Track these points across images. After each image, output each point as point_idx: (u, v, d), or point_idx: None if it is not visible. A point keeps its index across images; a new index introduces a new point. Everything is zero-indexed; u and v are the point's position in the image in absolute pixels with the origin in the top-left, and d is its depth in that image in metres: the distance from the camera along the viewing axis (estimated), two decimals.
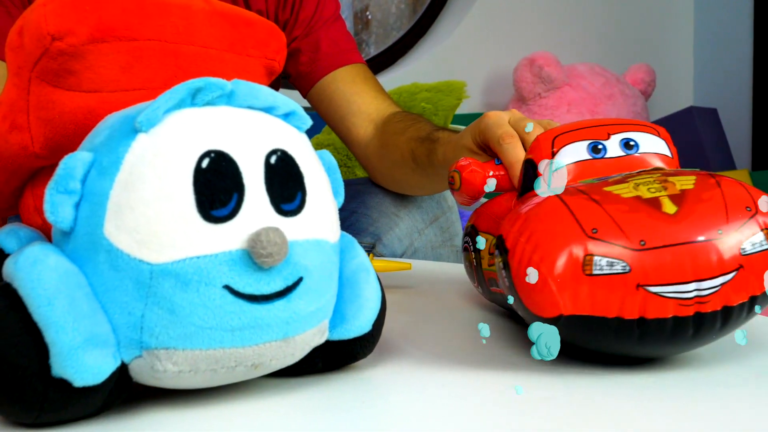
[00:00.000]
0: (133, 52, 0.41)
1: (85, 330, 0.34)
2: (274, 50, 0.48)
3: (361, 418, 0.38)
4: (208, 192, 0.34)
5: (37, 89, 0.41)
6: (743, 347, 0.47)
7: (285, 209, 0.36)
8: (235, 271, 0.34)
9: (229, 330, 0.35)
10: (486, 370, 0.44)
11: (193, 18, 0.44)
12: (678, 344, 0.41)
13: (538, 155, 0.49)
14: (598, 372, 0.43)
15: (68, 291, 0.34)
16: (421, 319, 0.57)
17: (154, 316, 0.34)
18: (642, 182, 0.43)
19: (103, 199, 0.34)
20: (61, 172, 0.35)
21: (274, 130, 0.38)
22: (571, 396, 0.40)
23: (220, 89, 0.37)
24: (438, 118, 1.52)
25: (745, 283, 0.40)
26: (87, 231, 0.35)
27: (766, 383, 0.41)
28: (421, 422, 0.37)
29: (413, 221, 0.91)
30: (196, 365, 0.36)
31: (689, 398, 0.39)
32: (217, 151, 0.35)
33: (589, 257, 0.39)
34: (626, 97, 2.17)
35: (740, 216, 0.40)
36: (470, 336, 0.51)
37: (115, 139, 0.36)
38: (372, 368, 0.45)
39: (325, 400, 0.40)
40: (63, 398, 0.34)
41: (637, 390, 0.40)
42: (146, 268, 0.34)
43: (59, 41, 0.39)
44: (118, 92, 0.42)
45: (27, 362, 0.33)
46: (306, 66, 0.91)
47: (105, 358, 0.34)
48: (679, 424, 0.36)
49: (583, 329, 0.40)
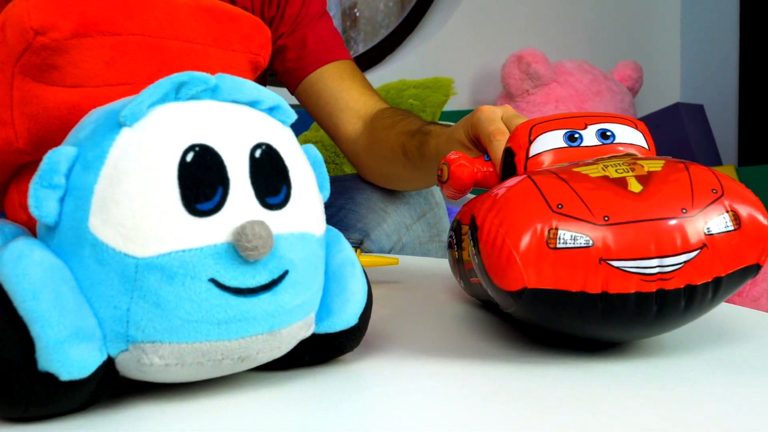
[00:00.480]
0: (116, 47, 0.41)
1: (70, 324, 0.34)
2: (259, 45, 0.48)
3: (348, 410, 0.38)
4: (192, 186, 0.34)
5: (21, 84, 0.41)
6: (715, 336, 0.48)
7: (270, 203, 0.36)
8: (221, 265, 0.35)
9: (215, 323, 0.35)
10: (469, 362, 0.44)
11: (177, 12, 0.44)
12: (642, 323, 0.41)
13: (516, 144, 0.50)
14: (576, 362, 0.43)
15: (53, 285, 0.34)
16: (408, 313, 0.58)
17: (140, 310, 0.34)
18: (611, 164, 0.43)
19: (88, 193, 0.35)
20: (45, 166, 0.35)
21: (259, 124, 0.38)
22: (550, 385, 0.40)
23: (205, 83, 0.37)
24: (426, 114, 1.53)
25: (709, 264, 0.40)
26: (72, 225, 0.35)
27: (735, 372, 0.42)
28: (407, 413, 0.37)
29: (401, 217, 0.91)
30: (182, 358, 0.36)
31: (663, 386, 0.40)
32: (201, 145, 0.35)
33: (553, 231, 0.40)
34: (614, 94, 2.19)
35: (706, 197, 0.41)
36: (455, 330, 0.52)
37: (99, 134, 0.36)
38: (358, 361, 0.45)
39: (312, 393, 0.40)
40: (50, 392, 0.34)
41: (613, 378, 0.41)
42: (131, 262, 0.34)
43: (42, 36, 0.39)
44: (102, 87, 0.42)
45: (13, 356, 0.33)
46: (293, 63, 0.92)
47: (91, 351, 0.34)
48: (655, 410, 0.36)
49: (547, 303, 0.41)
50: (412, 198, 0.93)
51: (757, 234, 0.41)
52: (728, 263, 0.41)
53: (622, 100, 2.21)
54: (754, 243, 0.41)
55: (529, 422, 0.35)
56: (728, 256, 0.41)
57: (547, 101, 2.09)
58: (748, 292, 1.49)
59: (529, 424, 0.35)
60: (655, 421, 0.35)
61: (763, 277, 1.50)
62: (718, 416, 0.35)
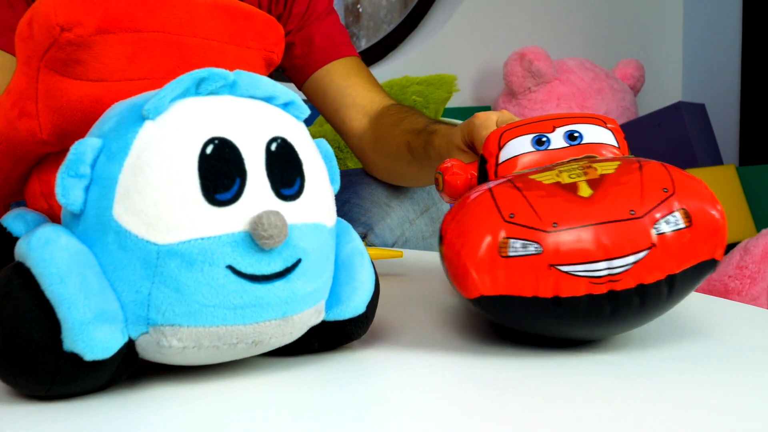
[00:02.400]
0: (138, 43, 0.43)
1: (95, 306, 0.35)
2: (273, 42, 0.49)
3: (355, 394, 0.40)
4: (212, 177, 0.36)
5: (46, 78, 0.43)
6: (709, 331, 0.49)
7: (285, 194, 0.38)
8: (238, 252, 0.36)
9: (231, 308, 0.37)
10: (466, 352, 0.46)
11: (195, 10, 0.45)
12: (599, 323, 0.42)
13: (487, 151, 0.52)
14: (570, 353, 0.45)
15: (79, 269, 0.36)
16: (411, 304, 0.59)
17: (161, 294, 0.36)
18: (566, 169, 0.44)
19: (112, 182, 0.36)
20: (71, 156, 0.37)
21: (275, 118, 0.40)
22: (546, 374, 0.42)
23: (224, 79, 0.38)
24: (429, 111, 1.53)
25: (660, 262, 0.41)
26: (96, 213, 0.37)
27: (726, 364, 0.43)
28: (410, 398, 0.39)
29: (405, 211, 0.92)
30: (199, 341, 0.37)
31: (652, 375, 0.41)
32: (220, 138, 0.37)
33: (504, 240, 0.41)
34: (615, 92, 2.19)
35: (655, 197, 0.42)
36: (454, 322, 0.53)
37: (123, 126, 0.37)
38: (364, 350, 0.47)
39: (322, 378, 0.42)
40: (74, 372, 0.36)
41: (607, 368, 0.42)
42: (153, 249, 0.36)
43: (68, 32, 0.41)
44: (123, 82, 0.43)
45: (40, 337, 0.35)
46: (300, 59, 0.93)
47: (114, 333, 0.36)
48: (647, 399, 0.38)
49: (504, 308, 0.42)
50: (416, 193, 0.94)
51: (709, 230, 0.42)
52: (681, 260, 0.41)
53: (624, 98, 2.21)
54: (707, 239, 0.42)
55: (525, 409, 0.37)
56: (680, 254, 0.41)
57: (549, 99, 2.10)
58: (747, 291, 1.49)
59: (524, 412, 0.36)
60: (646, 408, 0.36)
61: (762, 276, 1.51)
62: (710, 407, 0.37)
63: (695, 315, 0.53)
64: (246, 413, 0.37)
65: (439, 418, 0.36)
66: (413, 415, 0.37)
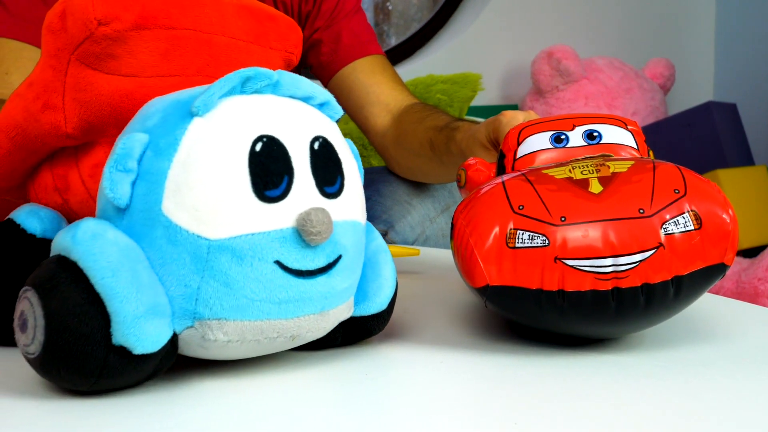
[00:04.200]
0: (171, 40, 0.43)
1: (147, 300, 0.36)
2: (293, 44, 0.50)
3: (370, 391, 0.40)
4: (262, 174, 0.37)
5: (76, 71, 0.43)
6: (720, 332, 0.49)
7: (328, 192, 0.39)
8: (285, 248, 0.37)
9: (276, 302, 0.38)
10: (478, 350, 0.46)
11: (224, 10, 0.46)
12: (603, 319, 0.42)
13: (506, 146, 0.52)
14: (582, 353, 0.45)
15: (130, 263, 0.36)
16: (426, 302, 0.59)
17: (210, 289, 0.37)
18: (579, 166, 0.45)
19: (161, 178, 0.37)
20: (119, 151, 0.37)
21: (314, 118, 0.40)
22: (555, 374, 0.42)
23: (268, 78, 0.39)
24: (453, 109, 1.52)
25: (667, 262, 0.41)
26: (144, 208, 0.37)
27: (736, 366, 0.43)
28: (422, 395, 0.40)
29: (425, 209, 0.93)
30: (243, 335, 0.38)
31: (662, 377, 0.41)
32: (268, 136, 0.38)
33: (512, 231, 0.42)
34: (644, 91, 2.13)
35: (666, 197, 0.42)
36: (468, 320, 0.54)
37: (170, 122, 0.38)
38: (380, 346, 0.47)
39: (340, 374, 0.42)
40: (121, 365, 0.36)
41: (617, 368, 0.43)
42: (204, 243, 0.36)
43: (105, 26, 0.41)
44: (155, 78, 0.44)
45: (90, 330, 0.35)
46: (327, 56, 0.93)
47: (162, 327, 0.36)
48: (655, 401, 0.38)
49: (508, 299, 0.42)
50: (437, 191, 0.96)
51: (719, 234, 0.42)
52: (688, 262, 0.41)
53: (653, 97, 2.14)
54: (716, 242, 0.42)
55: (531, 408, 0.37)
56: (688, 256, 0.41)
57: (577, 98, 2.05)
58: (764, 292, 1.50)
59: (531, 410, 0.37)
60: (652, 410, 0.37)
61: None
62: (718, 410, 0.37)
63: (709, 317, 0.53)
64: (274, 407, 0.37)
65: (450, 414, 0.37)
66: (425, 410, 0.37)
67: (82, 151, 0.47)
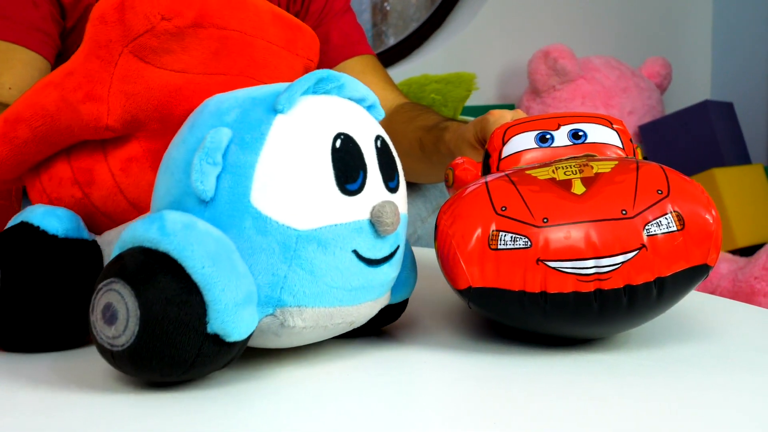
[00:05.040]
0: (221, 40, 0.45)
1: (244, 288, 0.37)
2: (315, 53, 0.53)
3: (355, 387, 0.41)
4: (343, 168, 0.39)
5: (127, 63, 0.43)
6: (694, 327, 0.49)
7: (391, 186, 0.42)
8: (361, 238, 0.40)
9: (349, 289, 0.40)
10: (463, 348, 0.47)
11: (263, 16, 0.48)
12: (587, 321, 0.42)
13: (491, 146, 0.52)
14: (572, 352, 0.45)
15: (227, 253, 0.37)
16: (413, 301, 0.56)
17: (296, 277, 0.38)
18: (562, 166, 0.44)
19: (249, 171, 0.38)
20: (209, 144, 0.38)
21: (371, 118, 0.43)
22: (543, 372, 0.42)
23: (337, 80, 0.42)
24: (447, 109, 1.51)
25: (649, 264, 0.41)
26: (231, 200, 0.38)
27: (723, 365, 0.43)
28: (406, 392, 0.41)
29: (417, 209, 0.94)
30: (317, 321, 0.40)
31: (650, 375, 0.41)
32: (345, 134, 0.40)
33: (495, 233, 0.41)
34: (641, 90, 2.11)
35: (649, 198, 0.41)
36: (454, 318, 0.54)
37: (253, 118, 0.39)
38: (368, 344, 0.47)
39: (326, 372, 0.42)
40: (214, 353, 0.37)
41: (604, 367, 0.43)
42: (293, 234, 0.38)
43: (167, 21, 0.41)
44: (203, 75, 0.45)
45: (189, 319, 0.36)
46: None
47: (254, 315, 0.38)
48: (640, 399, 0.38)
49: (491, 301, 0.42)
50: (429, 191, 0.97)
51: (702, 234, 0.42)
52: (671, 263, 0.41)
53: (650, 96, 2.13)
54: (699, 243, 0.42)
55: (512, 408, 0.37)
56: (671, 257, 0.41)
57: (574, 97, 2.03)
58: (761, 290, 1.50)
59: (512, 410, 0.37)
60: (635, 408, 0.37)
61: None
62: (701, 408, 0.37)
63: (696, 316, 0.52)
64: None
65: (429, 413, 0.37)
66: (404, 409, 0.38)
67: (111, 144, 0.46)
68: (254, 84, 0.48)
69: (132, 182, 0.47)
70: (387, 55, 2.10)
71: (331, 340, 0.48)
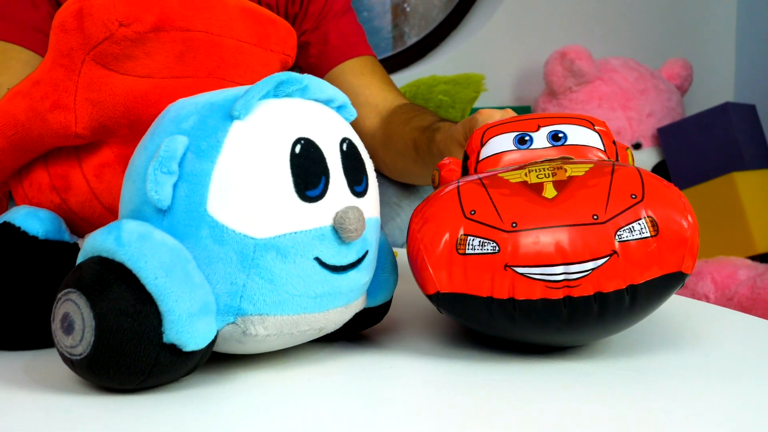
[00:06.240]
0: (186, 42, 0.44)
1: (199, 298, 0.37)
2: (291, 47, 0.52)
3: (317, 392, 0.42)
4: (303, 175, 0.38)
5: (90, 71, 0.42)
6: (674, 336, 0.48)
7: (357, 191, 0.41)
8: (324, 245, 0.39)
9: (313, 297, 0.40)
10: (434, 354, 0.46)
11: (231, 13, 0.47)
12: (556, 328, 0.41)
13: (470, 148, 0.51)
14: (552, 359, 0.44)
15: (181, 263, 0.37)
16: (398, 305, 0.57)
17: (255, 286, 0.38)
18: (535, 169, 0.43)
19: (205, 179, 0.38)
20: (164, 153, 0.37)
21: (338, 120, 0.43)
22: (508, 379, 0.41)
23: (299, 83, 0.41)
24: (455, 110, 1.50)
25: (621, 270, 0.39)
26: (187, 209, 0.38)
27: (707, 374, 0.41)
28: (369, 399, 0.39)
29: None
30: (281, 329, 0.40)
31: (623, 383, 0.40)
32: (306, 139, 0.39)
33: (463, 237, 0.40)
34: (660, 92, 2.08)
35: (622, 203, 0.40)
36: (429, 324, 0.53)
37: (209, 125, 0.38)
38: (337, 348, 0.46)
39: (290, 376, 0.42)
40: (171, 362, 0.37)
41: (574, 375, 0.41)
42: (250, 242, 0.37)
43: (126, 27, 0.41)
44: (169, 79, 0.44)
45: (144, 330, 0.36)
46: (315, 59, 0.92)
47: (211, 324, 0.37)
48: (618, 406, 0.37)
49: (459, 307, 0.41)
50: (426, 193, 0.96)
51: (676, 241, 0.40)
52: (644, 271, 0.40)
53: (670, 98, 2.10)
54: (673, 250, 0.40)
55: (484, 413, 0.37)
56: (644, 264, 0.39)
57: (591, 99, 2.01)
58: None
59: (483, 415, 0.36)
60: (600, 418, 0.36)
61: None
62: (671, 419, 0.35)
63: (677, 323, 0.51)
64: None
65: (390, 421, 0.36)
66: (363, 416, 0.37)
67: (84, 151, 0.46)
68: (226, 85, 0.48)
69: (105, 188, 0.47)
70: (404, 56, 2.09)
71: (306, 344, 0.47)
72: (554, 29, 2.22)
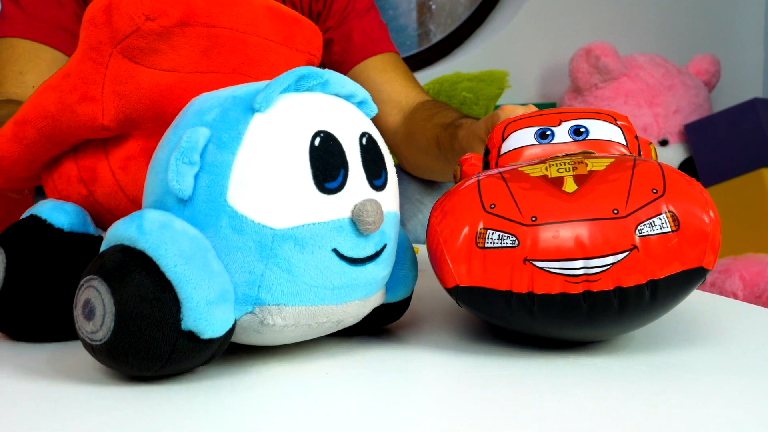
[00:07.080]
0: (211, 38, 0.45)
1: (218, 286, 0.37)
2: (316, 47, 0.52)
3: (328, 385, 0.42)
4: (322, 167, 0.39)
5: (117, 64, 0.43)
6: (697, 331, 0.47)
7: (376, 184, 0.42)
8: (342, 237, 0.39)
9: (331, 288, 0.40)
10: (454, 349, 0.46)
11: (257, 12, 0.47)
12: (575, 323, 0.40)
13: (491, 142, 0.51)
14: (570, 354, 0.44)
15: (201, 251, 0.37)
16: (414, 300, 0.58)
17: (273, 275, 0.38)
18: (556, 163, 0.43)
19: (226, 170, 0.38)
20: (185, 144, 0.38)
21: (359, 115, 0.43)
22: (524, 374, 0.41)
23: (320, 77, 0.41)
24: (479, 107, 1.50)
25: (641, 266, 0.39)
26: (208, 199, 0.38)
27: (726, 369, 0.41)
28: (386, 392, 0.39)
29: None
30: (298, 320, 0.40)
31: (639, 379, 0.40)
32: (325, 132, 0.40)
33: (483, 231, 0.40)
34: (687, 88, 2.05)
35: (643, 197, 0.40)
36: (450, 318, 0.53)
37: (231, 117, 0.39)
38: (372, 345, 0.47)
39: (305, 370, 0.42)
40: (189, 349, 0.37)
41: (593, 371, 0.41)
42: (269, 232, 0.38)
43: (152, 22, 0.42)
44: (194, 74, 0.45)
45: (162, 316, 0.36)
46: (338, 56, 0.93)
47: (229, 312, 0.38)
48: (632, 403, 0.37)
49: (478, 300, 0.41)
50: None
51: (697, 236, 0.40)
52: (665, 265, 0.39)
53: (697, 94, 2.07)
54: (695, 245, 0.40)
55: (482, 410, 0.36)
56: (664, 259, 0.39)
57: (617, 96, 1.99)
58: None
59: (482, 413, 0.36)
60: (618, 414, 0.35)
61: None
62: (694, 414, 0.35)
63: (703, 318, 0.50)
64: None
65: (403, 414, 0.36)
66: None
67: (111, 143, 0.47)
68: (250, 81, 0.49)
69: (131, 180, 0.48)
70: (429, 54, 2.09)
71: (325, 338, 0.48)
72: (579, 26, 2.20)
